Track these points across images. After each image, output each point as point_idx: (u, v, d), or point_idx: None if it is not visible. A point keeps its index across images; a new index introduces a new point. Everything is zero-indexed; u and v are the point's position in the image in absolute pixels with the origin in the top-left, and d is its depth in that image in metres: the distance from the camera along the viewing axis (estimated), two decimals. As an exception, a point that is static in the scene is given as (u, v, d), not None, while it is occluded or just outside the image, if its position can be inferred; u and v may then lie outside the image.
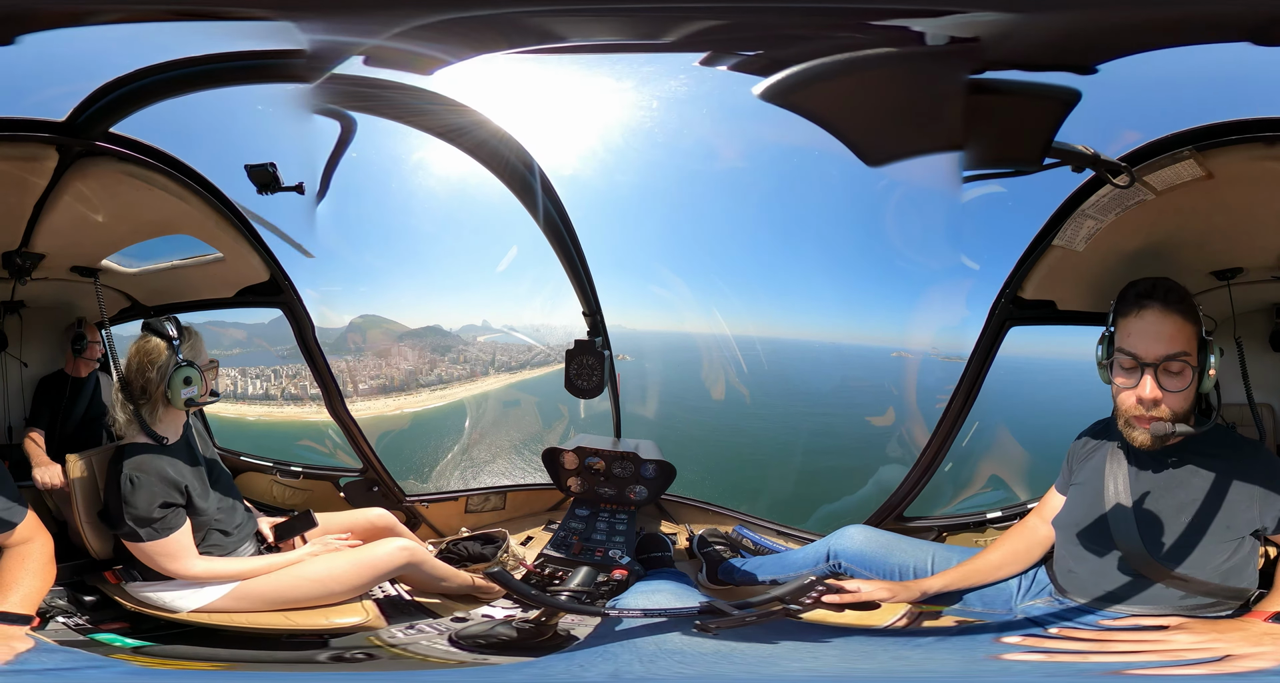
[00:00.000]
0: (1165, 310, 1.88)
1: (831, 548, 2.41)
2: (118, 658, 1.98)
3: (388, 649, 2.13)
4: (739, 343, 3.23)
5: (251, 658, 2.11)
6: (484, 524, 3.07)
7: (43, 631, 2.01)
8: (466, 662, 2.01)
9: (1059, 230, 2.26)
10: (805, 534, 2.86)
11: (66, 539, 2.31)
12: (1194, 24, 1.77)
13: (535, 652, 2.06)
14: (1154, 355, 1.87)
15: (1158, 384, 1.87)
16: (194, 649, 2.10)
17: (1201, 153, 2.00)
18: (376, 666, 2.06)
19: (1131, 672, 1.79)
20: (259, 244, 2.64)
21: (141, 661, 2.00)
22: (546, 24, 1.99)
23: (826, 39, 1.87)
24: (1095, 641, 1.92)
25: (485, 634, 2.17)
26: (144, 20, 1.93)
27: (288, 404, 3.15)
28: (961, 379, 2.58)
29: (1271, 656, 1.75)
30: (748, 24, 1.96)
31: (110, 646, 2.03)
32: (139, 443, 2.21)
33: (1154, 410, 1.88)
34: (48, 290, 2.63)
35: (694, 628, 1.94)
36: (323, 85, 2.13)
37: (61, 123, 2.14)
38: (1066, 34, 1.75)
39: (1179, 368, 1.87)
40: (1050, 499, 2.22)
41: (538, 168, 2.42)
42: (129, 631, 2.14)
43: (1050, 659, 1.87)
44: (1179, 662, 1.78)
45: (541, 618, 2.18)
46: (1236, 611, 1.93)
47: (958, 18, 1.78)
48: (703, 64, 2.08)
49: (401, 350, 3.56)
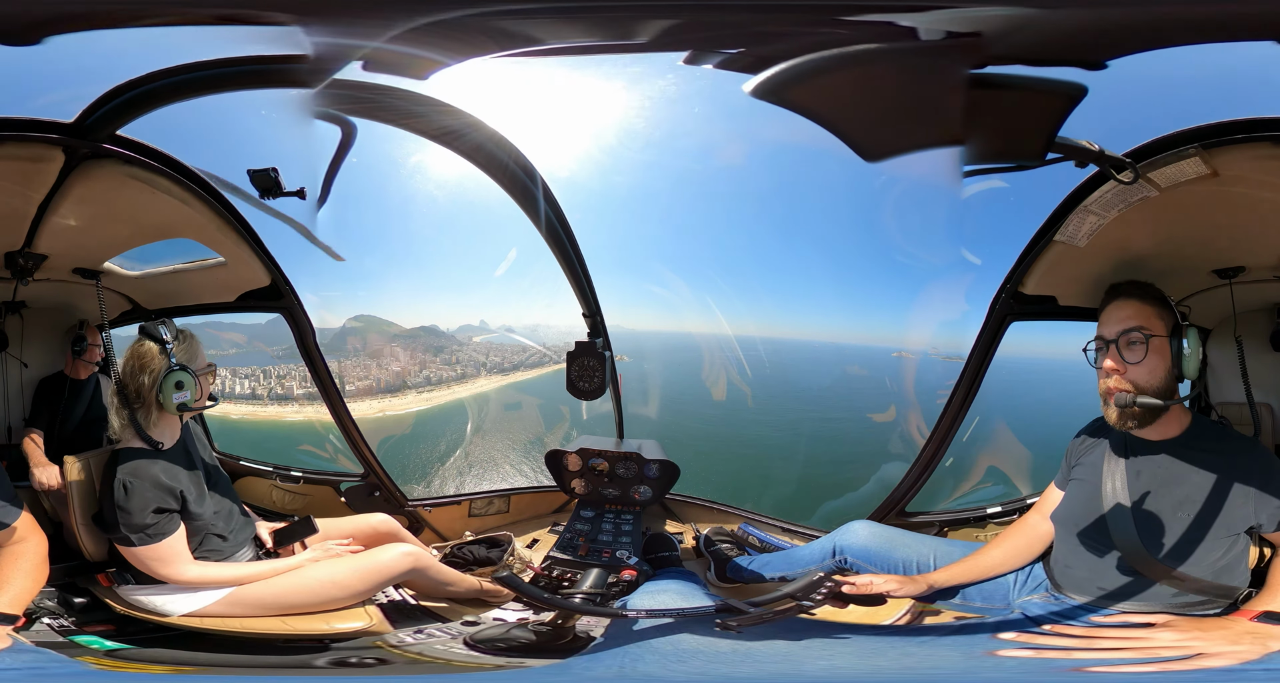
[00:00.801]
0: (1126, 298, 2.05)
1: (837, 544, 2.43)
2: (84, 660, 1.95)
3: (401, 654, 2.11)
4: (739, 342, 3.24)
5: (244, 663, 2.09)
6: (488, 528, 3.06)
7: (26, 631, 1.99)
8: (487, 665, 2.00)
9: (1061, 226, 2.28)
10: (810, 531, 2.88)
11: (62, 541, 2.30)
12: (1222, 21, 1.80)
13: (558, 654, 2.06)
14: (1113, 332, 2.03)
15: (1120, 356, 2.01)
16: (180, 654, 2.08)
17: (1207, 151, 2.03)
18: (389, 670, 2.05)
19: (1094, 669, 1.82)
20: (260, 249, 2.63)
21: (109, 664, 1.97)
22: (519, 27, 1.99)
23: (807, 36, 1.87)
24: (1082, 637, 1.95)
25: (503, 637, 2.16)
26: (157, 25, 1.92)
27: (280, 404, 3.13)
28: (962, 375, 2.60)
29: (1243, 654, 1.78)
30: (721, 22, 1.96)
31: (86, 648, 2.01)
32: (135, 447, 2.19)
33: (1117, 383, 1.99)
34: (49, 292, 2.62)
35: (716, 626, 1.95)
36: (322, 90, 2.12)
37: (70, 124, 2.14)
38: (1079, 29, 1.77)
39: (1135, 338, 2.00)
40: (1050, 495, 2.25)
41: (533, 170, 2.42)
42: (113, 633, 2.11)
43: (1037, 656, 1.89)
44: (1150, 659, 1.81)
45: (558, 621, 2.17)
46: (1225, 609, 1.96)
47: (964, 11, 1.79)
48: (687, 62, 2.08)
49: (393, 351, 3.54)
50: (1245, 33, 1.84)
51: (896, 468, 2.84)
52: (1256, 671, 1.74)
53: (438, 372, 3.76)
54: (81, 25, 1.86)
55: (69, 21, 1.84)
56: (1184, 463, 1.99)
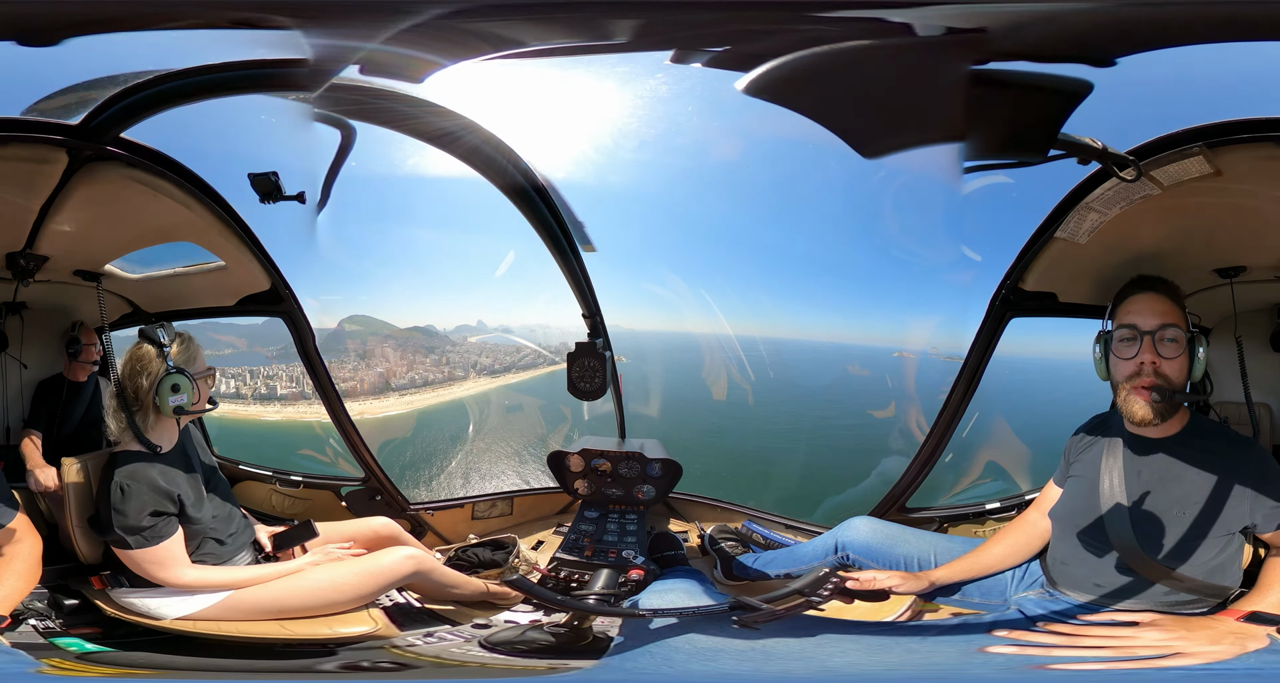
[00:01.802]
0: (1158, 294, 2.03)
1: (839, 540, 2.44)
2: (47, 662, 1.92)
3: (415, 658, 2.10)
4: (740, 341, 3.25)
5: (238, 667, 2.08)
6: (492, 530, 3.04)
7: (9, 632, 1.97)
8: (516, 667, 2.00)
9: (1062, 222, 2.29)
10: (813, 527, 2.89)
11: (57, 543, 2.27)
12: (1233, 22, 1.81)
13: (584, 655, 2.06)
14: (1151, 325, 2.00)
15: (1155, 350, 1.98)
16: (166, 658, 2.06)
17: (1211, 150, 2.03)
18: (400, 674, 2.04)
19: (1056, 667, 1.85)
20: (261, 253, 2.62)
21: (74, 669, 1.95)
22: (499, 29, 1.99)
23: (793, 32, 1.87)
24: (1067, 635, 1.96)
25: (521, 639, 2.16)
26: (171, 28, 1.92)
27: (273, 404, 3.11)
28: (962, 371, 2.62)
29: (1222, 654, 1.79)
30: (698, 20, 1.97)
31: (65, 650, 1.99)
32: (132, 450, 2.18)
33: (1154, 378, 1.98)
34: (50, 293, 2.61)
35: (734, 624, 1.96)
36: (320, 95, 2.12)
37: (75, 126, 2.13)
38: (1087, 25, 1.78)
39: (1174, 335, 1.99)
40: (1049, 492, 2.27)
41: (530, 171, 2.42)
42: (98, 636, 2.09)
43: (1022, 653, 1.91)
44: (1127, 657, 1.83)
45: (574, 622, 2.17)
46: (1214, 608, 1.97)
47: (969, 7, 1.80)
48: (673, 62, 2.08)
49: (384, 352, 3.52)
50: (1254, 33, 1.86)
51: (896, 463, 2.85)
52: (1238, 670, 1.75)
53: (423, 374, 3.72)
54: (97, 28, 1.85)
55: (86, 25, 1.83)
56: (1182, 461, 2.00)
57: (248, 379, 3.12)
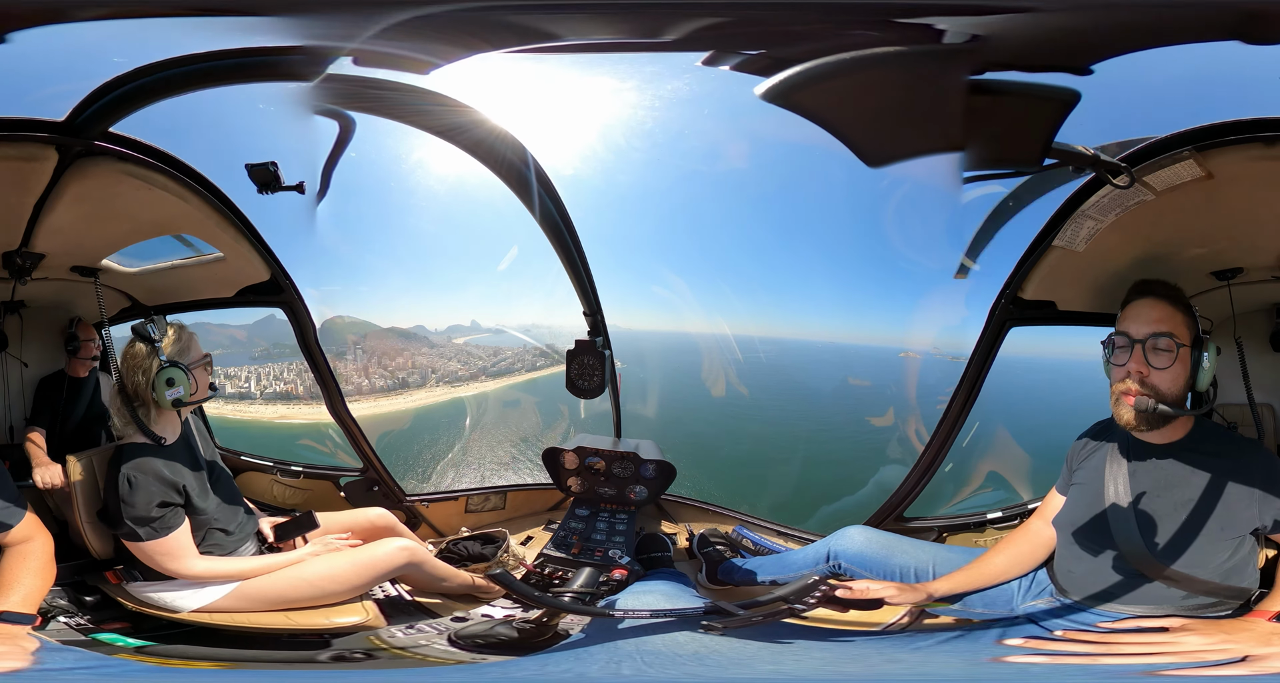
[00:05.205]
0: (1156, 299, 2.00)
1: (831, 549, 2.41)
2: (123, 658, 1.98)
3: (388, 649, 2.13)
4: (740, 343, 3.22)
5: (252, 658, 2.11)
6: (484, 524, 3.07)
7: (44, 630, 2.01)
8: (465, 661, 2.01)
9: (1059, 231, 2.27)
10: (805, 535, 2.86)
11: (67, 539, 2.31)
12: (1180, 25, 1.78)
13: (536, 651, 2.06)
14: (1141, 333, 1.97)
15: (1144, 359, 1.95)
16: (196, 649, 2.11)
17: (1201, 153, 2.02)
18: (376, 664, 2.06)
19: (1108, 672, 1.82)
20: (259, 243, 2.64)
21: (146, 660, 2.00)
22: (544, 22, 1.99)
23: (834, 38, 1.86)
24: (1101, 643, 1.93)
25: (485, 634, 2.17)
26: (130, 16, 1.92)
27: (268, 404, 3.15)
28: (961, 380, 2.58)
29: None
30: (751, 20, 1.95)
31: (113, 645, 2.04)
32: (137, 443, 2.22)
33: (1140, 386, 1.95)
34: (48, 290, 2.64)
35: (701, 628, 1.95)
36: (321, 85, 2.12)
37: (61, 122, 2.14)
38: (1060, 34, 1.75)
39: (1165, 345, 1.95)
40: (1051, 501, 2.23)
41: (535, 165, 2.42)
42: (130, 630, 2.14)
43: (1055, 662, 1.87)
44: (1201, 663, 1.78)
45: (543, 618, 2.18)
46: (1237, 610, 1.94)
47: (959, 17, 1.77)
48: (705, 64, 2.08)
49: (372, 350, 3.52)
50: (1200, 34, 1.82)
51: (895, 471, 2.82)
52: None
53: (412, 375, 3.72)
54: (50, 19, 1.85)
55: (38, 15, 1.83)
56: (1187, 466, 1.97)
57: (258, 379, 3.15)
